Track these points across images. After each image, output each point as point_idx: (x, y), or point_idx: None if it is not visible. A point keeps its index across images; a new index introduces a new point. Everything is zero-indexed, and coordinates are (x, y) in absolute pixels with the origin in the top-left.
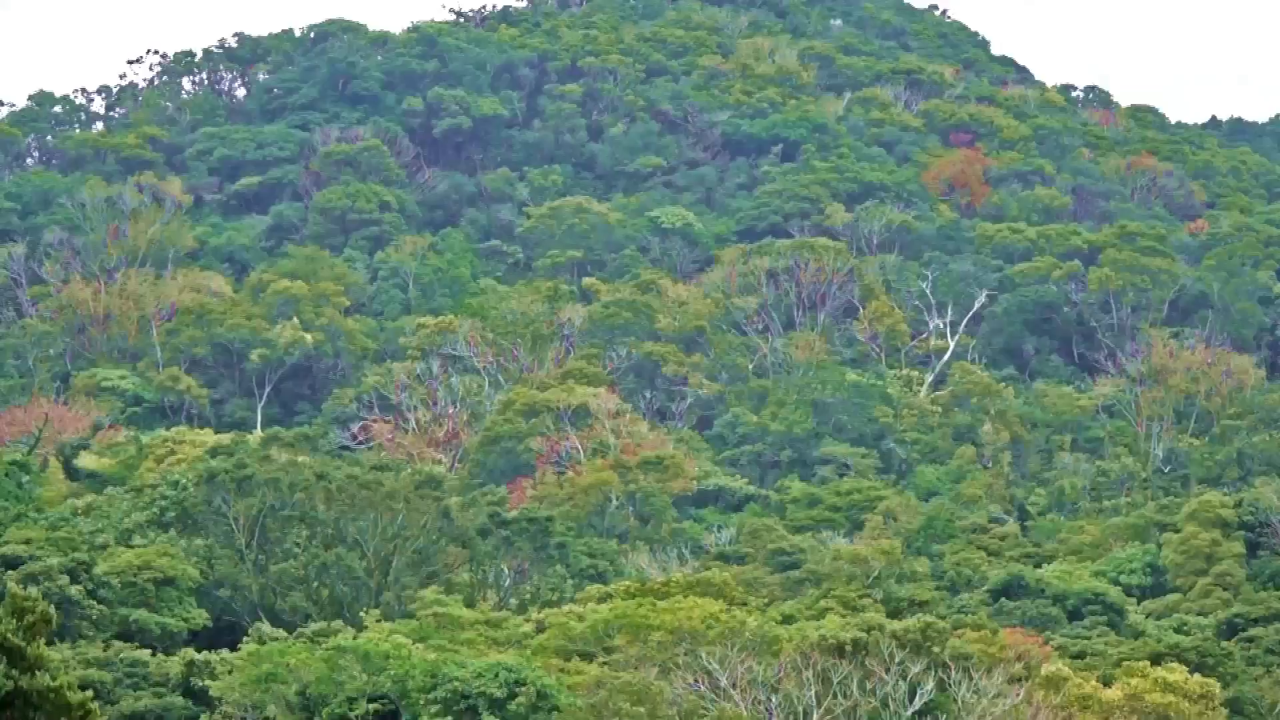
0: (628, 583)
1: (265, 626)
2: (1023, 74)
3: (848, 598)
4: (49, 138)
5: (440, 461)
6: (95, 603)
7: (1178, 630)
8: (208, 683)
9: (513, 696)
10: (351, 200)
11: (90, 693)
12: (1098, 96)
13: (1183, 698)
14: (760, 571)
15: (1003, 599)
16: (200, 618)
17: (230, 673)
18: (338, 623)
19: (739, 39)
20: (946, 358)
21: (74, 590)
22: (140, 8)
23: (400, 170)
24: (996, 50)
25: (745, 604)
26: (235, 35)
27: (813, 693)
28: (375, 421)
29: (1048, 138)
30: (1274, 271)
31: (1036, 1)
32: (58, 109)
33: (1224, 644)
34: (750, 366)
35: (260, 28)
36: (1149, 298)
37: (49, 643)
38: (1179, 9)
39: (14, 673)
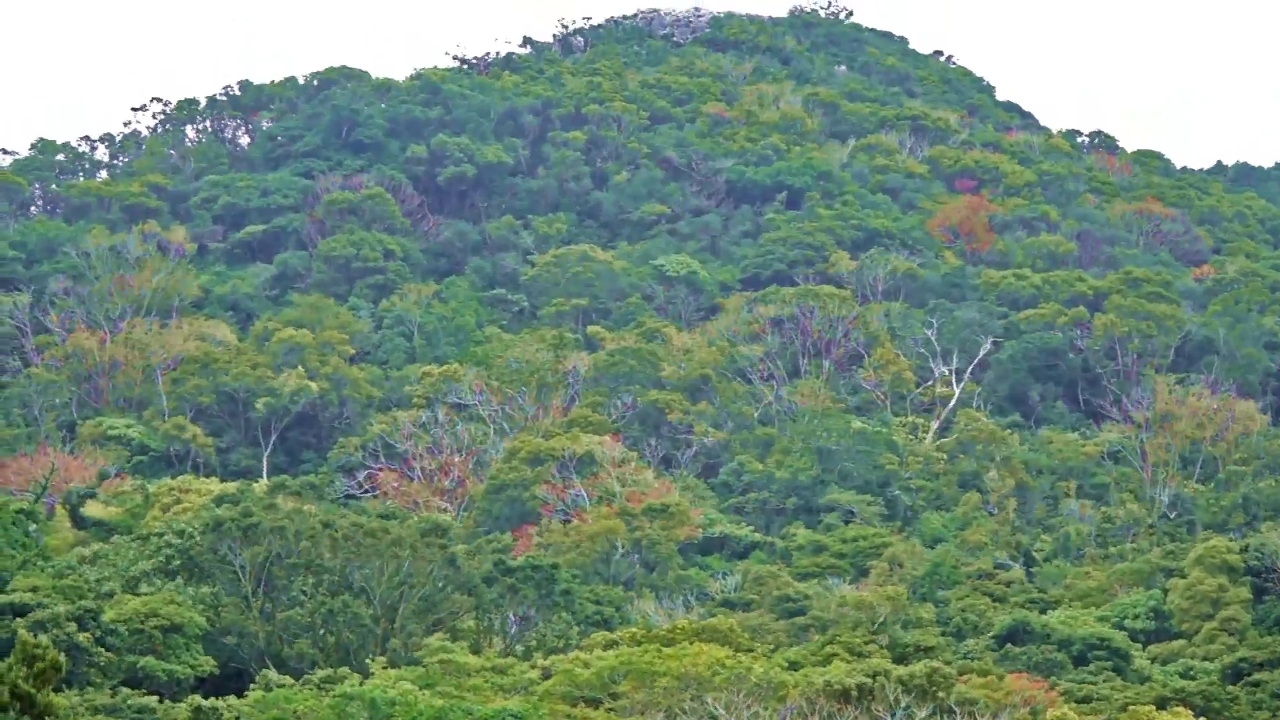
0: (633, 629)
1: (272, 673)
2: (1028, 120)
3: (853, 644)
4: (53, 186)
5: (446, 509)
6: (103, 650)
7: (1183, 675)
8: None
9: None
10: (356, 248)
11: None
12: (1103, 142)
13: None
14: (766, 618)
15: (1008, 644)
16: (207, 665)
17: (237, 719)
18: (344, 670)
19: (743, 86)
20: (952, 405)
21: (81, 638)
22: (144, 55)
23: (404, 218)
24: (1001, 96)
25: (751, 650)
26: (239, 83)
27: None
28: (381, 470)
29: (1052, 183)
30: (1278, 317)
31: (1042, 47)
32: (61, 157)
33: (1229, 688)
34: (755, 414)
35: (263, 75)
36: (1154, 344)
37: (57, 690)
38: (1184, 55)
39: (25, 719)
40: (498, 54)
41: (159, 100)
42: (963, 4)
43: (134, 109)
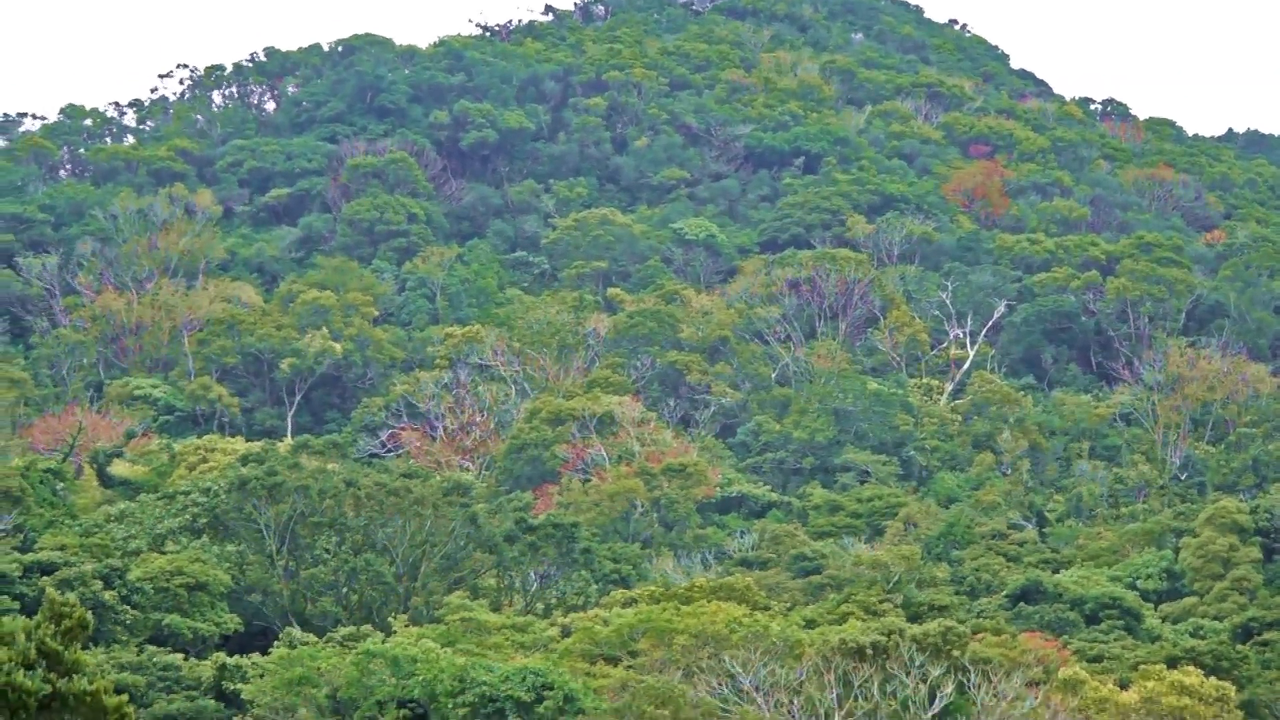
0: (652, 587)
1: (296, 631)
2: (1041, 87)
3: (868, 602)
4: (81, 150)
5: (468, 469)
6: (129, 608)
7: (1194, 634)
8: (239, 686)
9: (540, 700)
10: (379, 212)
11: (125, 696)
12: (1115, 109)
13: (1198, 701)
14: (782, 577)
15: (1021, 604)
16: (232, 622)
17: (261, 676)
18: (367, 627)
19: (761, 53)
20: (966, 367)
21: (108, 595)
22: (170, 22)
23: (427, 183)
24: (1015, 64)
25: (768, 608)
26: (264, 49)
27: (834, 695)
28: (404, 429)
29: (1066, 150)
30: None
31: (1055, 15)
32: (89, 122)
33: (1239, 647)
34: (772, 375)
35: (289, 42)
36: (1166, 307)
37: (84, 647)
38: (1197, 22)
39: (52, 676)
40: (520, 21)
41: (185, 66)
42: None
43: (161, 75)
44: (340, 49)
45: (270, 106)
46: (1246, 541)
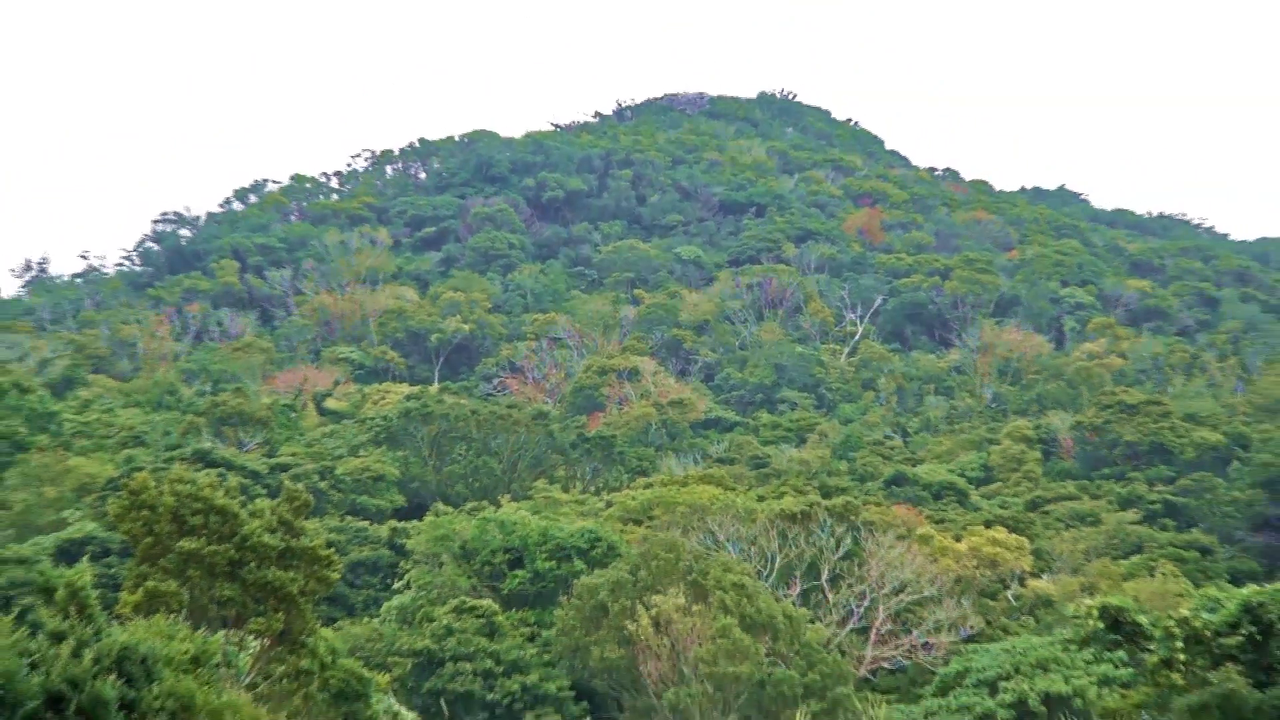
0: (662, 476)
1: (440, 505)
2: (904, 160)
3: (797, 486)
4: (304, 203)
5: (547, 403)
6: (335, 492)
7: (1001, 506)
8: (405, 541)
9: (593, 548)
10: (491, 243)
11: (332, 549)
12: (950, 174)
13: (1005, 549)
14: (743, 469)
15: (893, 486)
16: (400, 501)
17: (419, 535)
18: (485, 503)
19: (729, 141)
20: (857, 338)
21: (322, 485)
22: (358, 123)
23: (521, 224)
24: (889, 146)
25: (734, 489)
26: (418, 139)
27: (776, 546)
28: (507, 378)
29: (920, 200)
30: (1059, 282)
31: (915, 117)
32: (308, 185)
33: (1030, 514)
34: (737, 343)
35: (433, 133)
36: (982, 299)
37: (307, 518)
38: (1003, 121)
39: (287, 537)
40: (578, 121)
41: (368, 149)
42: (864, 89)
43: (352, 156)
44: (466, 139)
45: (422, 175)
46: (1032, 447)
